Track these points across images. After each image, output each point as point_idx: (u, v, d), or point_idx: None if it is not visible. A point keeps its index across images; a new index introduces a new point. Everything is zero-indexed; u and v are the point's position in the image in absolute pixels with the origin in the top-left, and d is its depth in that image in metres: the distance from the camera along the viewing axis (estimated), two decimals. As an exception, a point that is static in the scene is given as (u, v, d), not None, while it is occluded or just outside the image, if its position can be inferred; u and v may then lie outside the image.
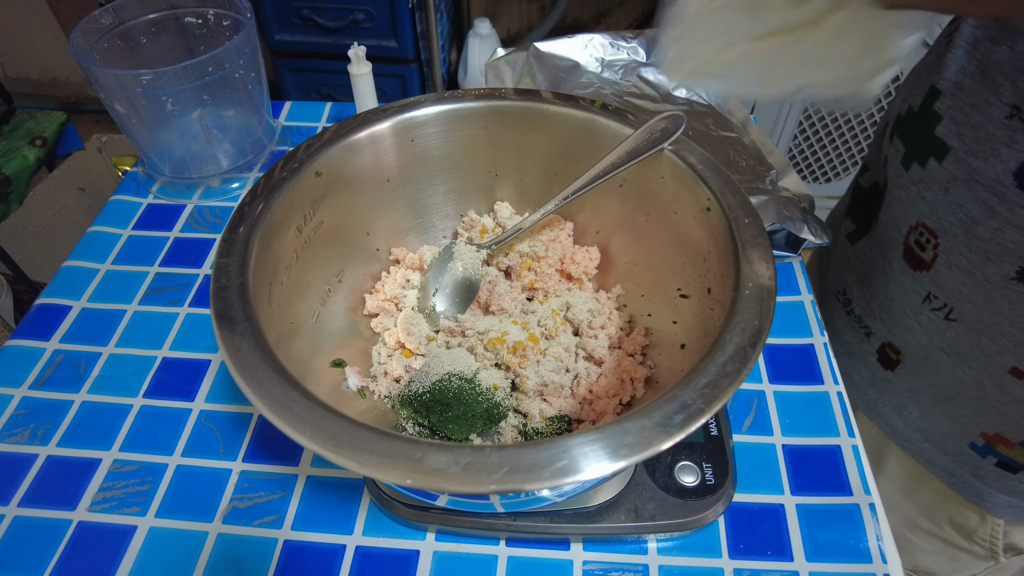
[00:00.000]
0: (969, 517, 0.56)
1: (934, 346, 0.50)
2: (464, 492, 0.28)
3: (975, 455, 0.52)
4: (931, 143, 0.46)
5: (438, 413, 0.42)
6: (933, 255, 0.48)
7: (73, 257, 0.63)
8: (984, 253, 0.44)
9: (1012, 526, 0.54)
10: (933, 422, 0.54)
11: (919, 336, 0.51)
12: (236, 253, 0.36)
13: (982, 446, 0.51)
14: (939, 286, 0.48)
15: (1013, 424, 0.48)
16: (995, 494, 0.53)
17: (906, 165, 0.49)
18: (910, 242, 0.50)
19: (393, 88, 1.66)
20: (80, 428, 0.51)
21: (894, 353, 0.55)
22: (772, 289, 0.34)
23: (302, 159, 0.42)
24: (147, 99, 0.62)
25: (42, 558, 0.44)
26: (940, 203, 0.46)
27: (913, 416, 0.56)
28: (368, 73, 0.70)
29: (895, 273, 0.52)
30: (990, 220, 0.43)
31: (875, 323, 0.57)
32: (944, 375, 0.51)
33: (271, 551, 0.44)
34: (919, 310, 0.50)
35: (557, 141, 0.48)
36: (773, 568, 0.43)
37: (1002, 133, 0.41)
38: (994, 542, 0.56)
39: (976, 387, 0.49)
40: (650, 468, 0.45)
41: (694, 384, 0.30)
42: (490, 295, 0.48)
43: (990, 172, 0.42)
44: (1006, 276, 0.43)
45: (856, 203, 0.60)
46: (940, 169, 0.45)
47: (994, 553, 0.56)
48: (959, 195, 0.44)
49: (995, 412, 0.49)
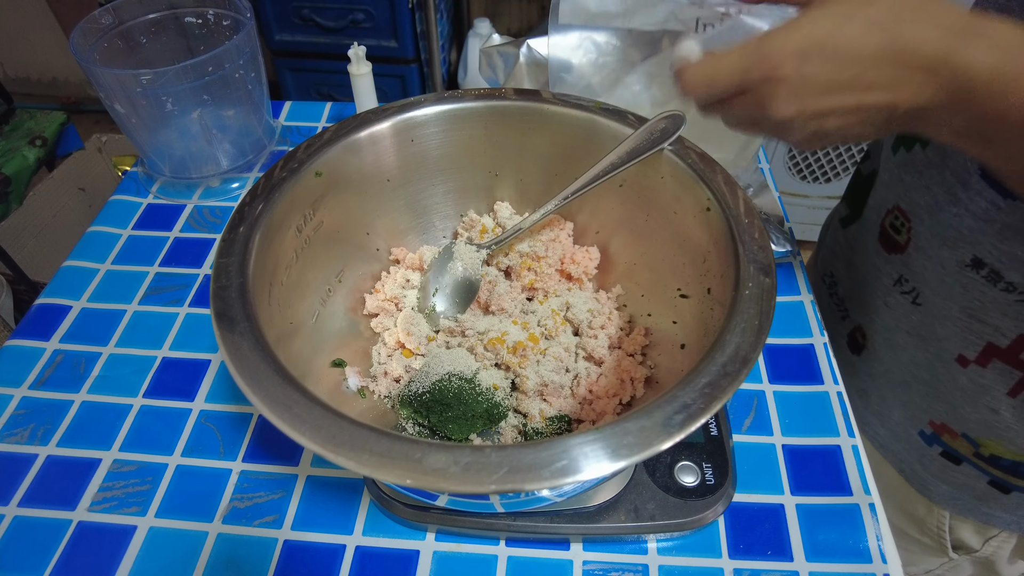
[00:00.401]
0: (917, 506, 0.57)
1: (899, 328, 0.51)
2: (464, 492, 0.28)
3: (923, 443, 0.53)
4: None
5: (438, 413, 0.42)
6: (907, 239, 0.48)
7: (73, 257, 0.63)
8: (943, 239, 0.45)
9: (956, 520, 0.55)
10: (888, 408, 0.55)
11: (886, 318, 0.52)
12: (236, 253, 0.36)
13: (929, 435, 0.52)
14: (910, 269, 0.49)
15: (956, 413, 0.49)
16: (938, 484, 0.54)
17: (895, 149, 0.50)
18: (886, 225, 0.51)
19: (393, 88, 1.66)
20: (80, 428, 0.51)
21: (861, 338, 0.56)
22: (772, 289, 0.34)
23: (302, 159, 0.42)
24: (147, 99, 0.62)
25: (42, 558, 0.44)
26: (914, 186, 0.47)
27: (872, 401, 0.57)
28: (368, 73, 0.70)
29: (871, 256, 0.53)
30: (951, 206, 0.43)
31: (852, 305, 0.58)
32: (904, 359, 0.52)
33: (271, 551, 0.44)
34: (888, 292, 0.51)
35: (557, 141, 0.48)
36: (773, 568, 0.43)
37: None
38: (941, 534, 0.57)
39: (930, 371, 0.50)
40: (650, 468, 0.45)
41: (694, 384, 0.30)
42: (490, 295, 0.48)
43: (960, 159, 0.43)
44: (961, 262, 0.44)
45: (852, 188, 0.61)
46: (922, 154, 0.46)
47: (943, 546, 0.57)
48: (930, 179, 0.45)
49: (943, 399, 0.50)
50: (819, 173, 1.54)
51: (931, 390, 0.50)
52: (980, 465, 0.50)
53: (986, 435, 0.48)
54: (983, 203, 0.41)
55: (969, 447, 0.50)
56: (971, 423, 0.49)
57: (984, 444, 0.49)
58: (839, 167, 1.51)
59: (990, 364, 0.45)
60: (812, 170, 1.54)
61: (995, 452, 0.49)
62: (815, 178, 1.56)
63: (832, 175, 1.53)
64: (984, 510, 0.52)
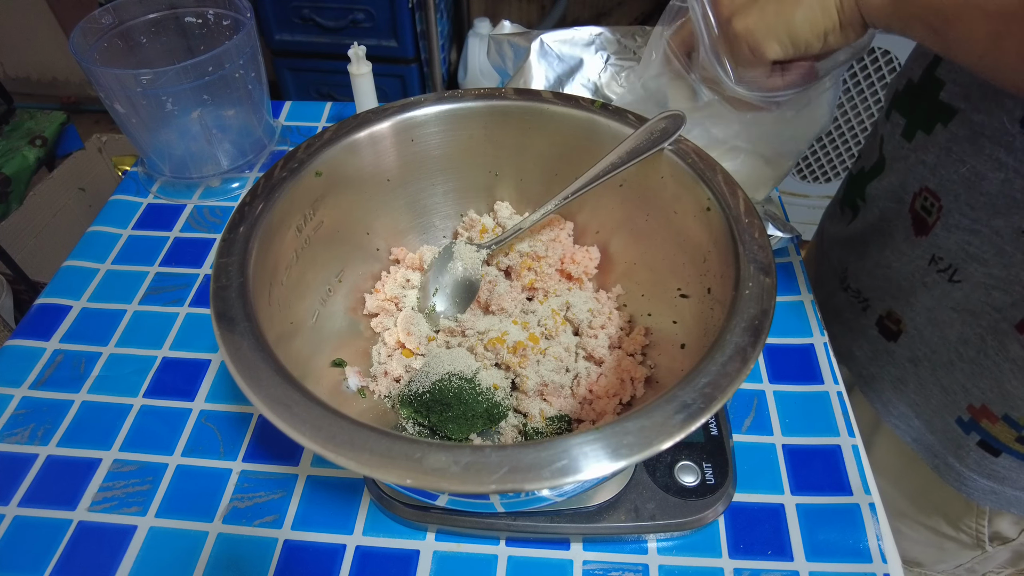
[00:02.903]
0: (955, 505, 0.56)
1: (942, 306, 0.50)
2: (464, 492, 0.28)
3: (960, 432, 0.52)
4: (936, 108, 0.46)
5: (438, 413, 0.42)
6: (935, 219, 0.48)
7: (73, 257, 0.63)
8: (992, 208, 0.44)
9: (996, 513, 0.54)
10: (926, 394, 0.55)
11: (925, 299, 0.52)
12: (236, 253, 0.36)
13: (967, 421, 0.52)
14: (941, 248, 0.48)
15: (1001, 389, 0.48)
16: (976, 478, 0.53)
17: (908, 136, 0.49)
18: (916, 208, 0.50)
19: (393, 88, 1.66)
20: (80, 428, 0.51)
21: (894, 323, 0.56)
22: (772, 289, 0.34)
23: (302, 159, 0.42)
24: (147, 99, 0.62)
25: (42, 558, 0.44)
26: (941, 163, 0.46)
27: (909, 389, 0.56)
28: (368, 73, 0.70)
29: (896, 243, 0.53)
30: (997, 172, 0.43)
31: (874, 293, 0.57)
32: (951, 335, 0.51)
33: (271, 551, 0.44)
34: (925, 272, 0.51)
35: (557, 141, 0.48)
36: (773, 568, 0.43)
37: None
38: (980, 530, 0.56)
39: (978, 347, 0.49)
40: (650, 468, 0.45)
41: (694, 384, 0.30)
42: (490, 295, 0.48)
43: (995, 124, 0.42)
44: (1017, 229, 0.43)
45: (848, 189, 0.61)
46: (945, 131, 0.46)
47: (980, 542, 0.57)
48: (962, 152, 0.45)
49: (989, 376, 0.49)
50: (819, 173, 1.54)
51: (976, 368, 0.49)
52: (1021, 452, 0.49)
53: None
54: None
55: (1010, 432, 0.49)
56: (1017, 399, 0.48)
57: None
58: (839, 167, 1.51)
59: None
60: (812, 170, 1.54)
61: None
62: (815, 178, 1.56)
63: (832, 175, 1.53)
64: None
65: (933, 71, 0.46)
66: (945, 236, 0.47)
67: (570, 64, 0.73)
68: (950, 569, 0.62)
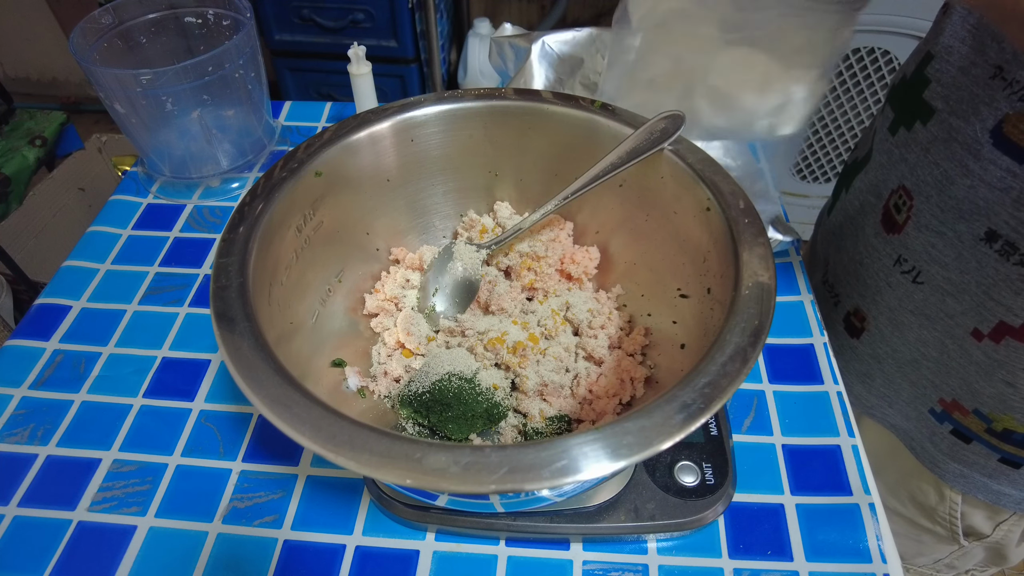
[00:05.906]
0: (929, 494, 0.57)
1: (903, 308, 0.51)
2: (464, 492, 0.28)
3: (933, 421, 0.53)
4: (918, 106, 0.47)
5: (438, 413, 0.42)
6: (905, 218, 0.49)
7: (73, 257, 0.63)
8: (957, 212, 0.45)
9: (969, 506, 0.55)
10: (895, 389, 0.56)
11: (888, 299, 0.52)
12: (236, 253, 0.36)
13: (940, 412, 0.52)
14: (908, 249, 0.49)
15: (969, 388, 0.49)
16: (948, 462, 0.54)
17: (892, 130, 0.50)
18: (889, 206, 0.51)
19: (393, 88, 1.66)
20: (80, 428, 0.51)
21: (859, 321, 0.57)
22: (772, 289, 0.34)
23: (302, 159, 0.42)
24: (147, 99, 0.62)
25: (42, 558, 0.44)
26: (920, 163, 0.47)
27: (876, 384, 0.57)
28: (368, 73, 0.70)
29: (867, 237, 0.53)
30: (964, 178, 0.43)
31: (844, 289, 0.58)
32: (910, 338, 0.52)
33: (271, 551, 0.44)
34: (890, 272, 0.51)
35: (557, 141, 0.48)
36: (773, 568, 0.43)
37: (984, 92, 0.41)
38: (953, 521, 0.57)
39: (939, 349, 0.50)
40: (650, 468, 0.45)
41: (694, 384, 0.30)
42: (490, 295, 0.48)
43: (968, 131, 0.43)
44: (976, 236, 0.44)
45: (840, 178, 0.62)
46: (924, 131, 0.46)
47: (955, 534, 0.57)
48: (937, 154, 0.45)
49: (954, 375, 0.50)
50: (819, 173, 1.54)
51: (941, 367, 0.50)
52: (991, 442, 0.50)
53: (1000, 410, 0.48)
54: (998, 172, 0.41)
55: (980, 424, 0.50)
56: (985, 398, 0.48)
57: (997, 419, 0.49)
58: (839, 166, 1.51)
59: (1003, 341, 0.45)
60: (812, 170, 1.54)
61: (1008, 427, 0.48)
62: (815, 178, 1.56)
63: (832, 174, 1.53)
64: (994, 487, 0.52)
65: (923, 69, 0.47)
66: (915, 236, 0.48)
67: (570, 64, 0.73)
68: (929, 564, 0.63)
